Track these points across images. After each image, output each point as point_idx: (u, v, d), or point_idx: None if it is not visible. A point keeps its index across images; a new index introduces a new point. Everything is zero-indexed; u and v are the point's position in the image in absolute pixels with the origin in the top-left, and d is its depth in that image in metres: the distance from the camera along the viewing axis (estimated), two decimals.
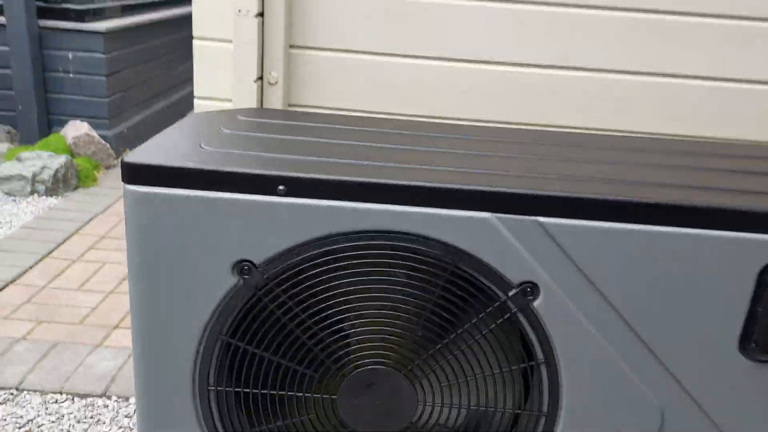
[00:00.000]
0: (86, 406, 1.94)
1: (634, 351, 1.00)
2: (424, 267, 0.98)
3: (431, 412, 1.07)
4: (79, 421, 1.88)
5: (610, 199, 0.94)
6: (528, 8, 1.54)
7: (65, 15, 4.53)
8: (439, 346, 1.03)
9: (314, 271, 0.99)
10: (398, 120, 1.47)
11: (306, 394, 1.07)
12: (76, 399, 1.99)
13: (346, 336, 1.03)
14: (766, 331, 0.95)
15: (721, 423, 1.03)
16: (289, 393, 1.07)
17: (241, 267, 0.98)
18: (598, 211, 0.94)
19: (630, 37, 1.55)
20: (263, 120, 1.31)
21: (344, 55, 1.62)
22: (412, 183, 0.95)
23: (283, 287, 1.00)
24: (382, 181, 0.95)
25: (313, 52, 1.62)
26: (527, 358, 1.04)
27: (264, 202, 0.95)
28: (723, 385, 1.01)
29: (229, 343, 1.03)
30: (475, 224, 0.95)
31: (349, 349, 1.03)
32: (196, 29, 1.61)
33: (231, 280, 0.99)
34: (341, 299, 1.00)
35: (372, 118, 1.52)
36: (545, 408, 1.05)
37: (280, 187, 0.95)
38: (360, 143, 1.17)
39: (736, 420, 1.02)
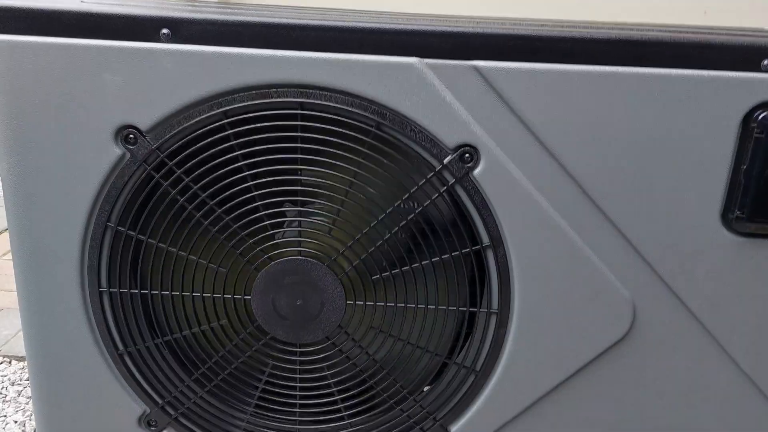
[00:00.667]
0: (23, 368, 1.80)
1: (597, 228, 0.84)
2: (341, 130, 0.82)
3: (362, 315, 0.91)
4: (13, 384, 1.74)
5: (564, 36, 0.78)
6: None
7: None
8: (366, 230, 0.87)
9: (212, 139, 0.83)
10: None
11: (214, 295, 0.91)
12: (13, 362, 1.85)
13: (257, 221, 0.87)
14: (753, 193, 0.79)
15: (702, 315, 0.87)
16: (195, 294, 0.91)
17: (126, 134, 0.82)
18: (548, 50, 0.78)
19: None
20: None
21: None
22: (324, 23, 0.79)
23: (177, 160, 0.84)
24: (288, 21, 0.79)
25: None
26: (471, 244, 0.88)
27: (145, 50, 0.79)
28: (703, 268, 0.85)
29: (120, 232, 0.87)
30: (399, 72, 0.79)
31: (260, 236, 0.88)
32: None
33: (115, 151, 0.83)
34: (247, 173, 0.84)
35: None
36: (495, 304, 0.89)
37: (164, 31, 0.79)
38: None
39: (719, 310, 0.86)
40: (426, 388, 0.97)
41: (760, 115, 0.77)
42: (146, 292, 0.91)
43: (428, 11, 1.40)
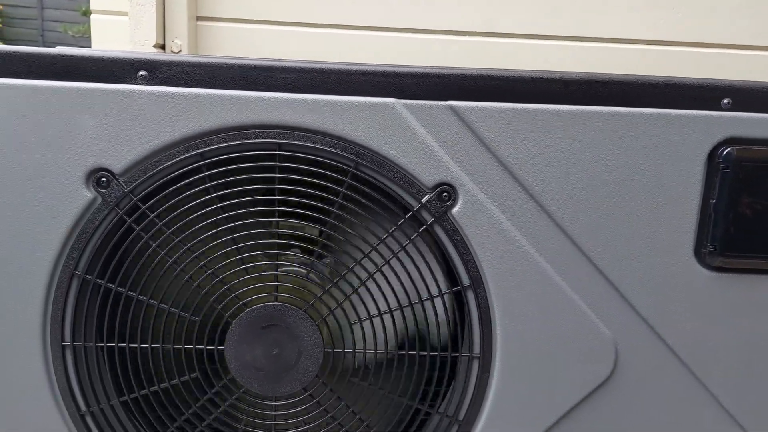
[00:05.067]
0: None
1: (577, 268, 0.85)
2: (319, 170, 0.82)
3: (342, 361, 0.88)
4: None
5: (538, 77, 0.81)
6: None
7: None
8: (345, 273, 0.85)
9: (187, 181, 0.82)
10: None
11: (186, 347, 0.87)
12: None
13: (232, 266, 0.85)
14: (723, 227, 0.81)
15: (681, 353, 0.87)
16: (165, 346, 0.87)
17: (98, 178, 0.81)
18: (523, 91, 0.81)
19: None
20: None
21: (253, 26, 1.50)
22: (301, 65, 0.80)
23: (150, 203, 0.82)
24: (266, 63, 0.80)
25: (221, 24, 1.50)
26: (451, 286, 0.87)
27: (122, 92, 0.79)
28: (680, 305, 0.85)
29: (87, 281, 0.84)
30: (376, 112, 0.80)
31: (235, 282, 0.85)
32: (94, 3, 1.48)
33: (86, 195, 0.81)
34: (222, 216, 0.83)
35: None
36: (477, 348, 0.88)
37: (141, 73, 0.79)
38: None
39: (698, 347, 0.86)
40: None
41: (724, 150, 0.80)
42: (113, 345, 0.86)
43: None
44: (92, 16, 1.48)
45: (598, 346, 0.86)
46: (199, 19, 1.49)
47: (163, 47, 1.45)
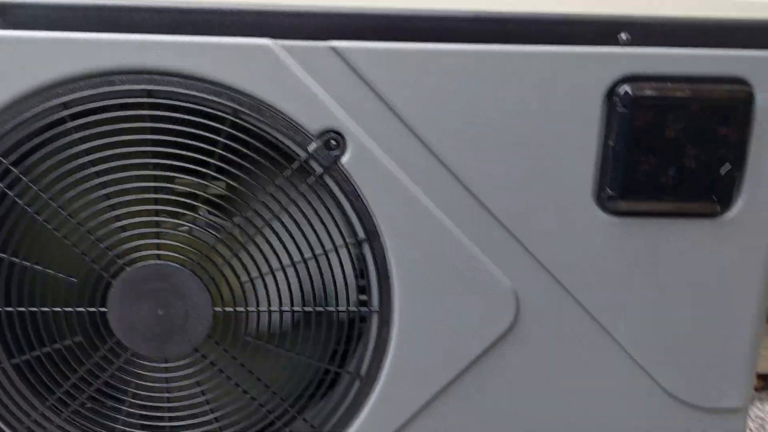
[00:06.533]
0: None
1: (474, 216, 0.81)
2: (195, 119, 0.76)
3: (232, 320, 0.84)
4: None
5: (422, 14, 0.76)
6: None
7: None
8: (232, 229, 0.81)
9: (51, 133, 0.76)
10: None
11: (65, 309, 0.82)
12: None
13: (106, 224, 0.80)
14: (622, 170, 0.78)
15: (585, 301, 0.84)
16: (42, 309, 0.82)
17: None
18: (407, 29, 0.75)
19: None
20: None
21: None
22: (167, 4, 0.74)
23: (12, 159, 0.76)
24: (128, 2, 0.73)
25: None
26: (345, 241, 0.83)
27: None
28: (582, 252, 0.83)
29: None
30: (252, 55, 0.74)
31: (112, 240, 0.80)
32: None
33: None
34: (93, 170, 0.77)
35: None
36: (375, 303, 0.84)
37: None
38: None
39: (602, 295, 0.84)
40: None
41: (621, 89, 0.76)
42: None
43: None
44: None
45: (497, 296, 0.83)
46: None
47: None
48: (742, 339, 0.87)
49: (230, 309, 0.83)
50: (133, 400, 0.86)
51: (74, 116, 0.75)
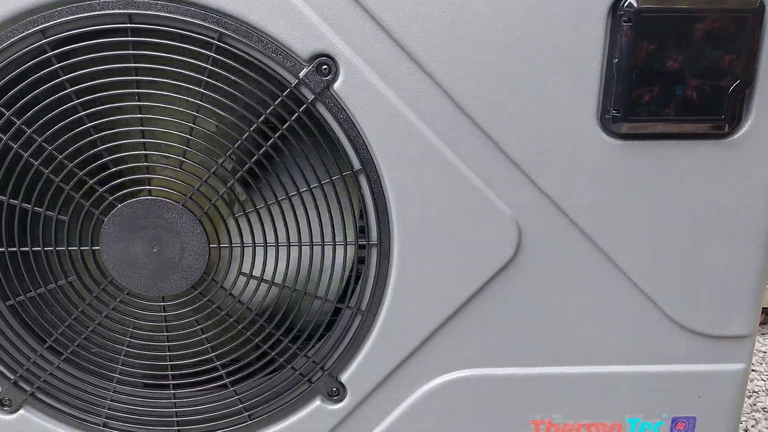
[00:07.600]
0: None
1: (473, 143, 0.78)
2: (180, 45, 0.73)
3: (228, 258, 0.82)
4: None
5: None
6: None
7: None
8: (222, 160, 0.78)
9: (31, 63, 0.73)
10: None
11: (57, 248, 0.81)
12: None
13: (96, 159, 0.77)
14: (627, 90, 0.75)
15: (587, 228, 0.82)
16: (35, 248, 0.80)
17: None
18: None
19: None
20: None
21: None
22: None
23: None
24: None
25: None
26: (341, 171, 0.80)
27: None
28: (585, 177, 0.80)
29: None
30: None
31: (103, 175, 0.78)
32: None
33: None
34: (76, 102, 0.74)
35: None
36: (374, 236, 0.82)
37: None
38: None
39: (605, 221, 0.82)
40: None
41: (625, 1, 0.72)
42: None
43: None
44: None
45: (499, 225, 0.81)
46: None
47: None
48: (749, 265, 0.85)
49: (226, 245, 0.81)
50: (131, 340, 0.85)
51: (54, 46, 0.72)
